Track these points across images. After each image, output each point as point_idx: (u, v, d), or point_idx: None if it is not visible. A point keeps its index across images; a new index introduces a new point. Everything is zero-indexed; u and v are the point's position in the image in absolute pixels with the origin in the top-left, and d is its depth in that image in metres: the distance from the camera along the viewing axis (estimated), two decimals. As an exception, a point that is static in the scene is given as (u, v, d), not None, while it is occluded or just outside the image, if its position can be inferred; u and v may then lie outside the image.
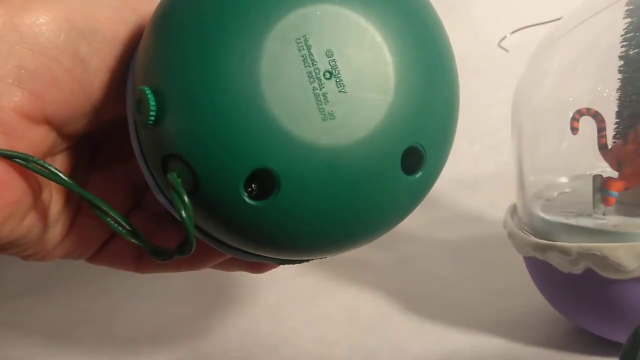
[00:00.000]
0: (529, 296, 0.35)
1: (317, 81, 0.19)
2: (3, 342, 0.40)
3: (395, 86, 0.19)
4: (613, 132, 0.31)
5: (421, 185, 0.21)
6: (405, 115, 0.20)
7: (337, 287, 0.42)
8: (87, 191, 0.24)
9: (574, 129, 0.30)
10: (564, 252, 0.29)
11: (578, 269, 0.29)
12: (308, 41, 0.19)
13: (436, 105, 0.21)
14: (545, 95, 0.35)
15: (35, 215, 0.21)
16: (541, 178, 0.35)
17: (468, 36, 0.67)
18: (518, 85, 0.35)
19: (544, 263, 0.30)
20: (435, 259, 0.46)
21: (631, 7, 0.31)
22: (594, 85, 0.33)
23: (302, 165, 0.19)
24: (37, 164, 0.20)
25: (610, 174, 0.31)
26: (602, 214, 0.30)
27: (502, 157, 0.56)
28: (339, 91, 0.19)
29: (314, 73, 0.19)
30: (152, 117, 0.19)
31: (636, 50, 0.30)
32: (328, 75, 0.19)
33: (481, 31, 0.67)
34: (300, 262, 0.24)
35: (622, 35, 0.31)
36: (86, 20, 0.21)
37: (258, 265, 0.26)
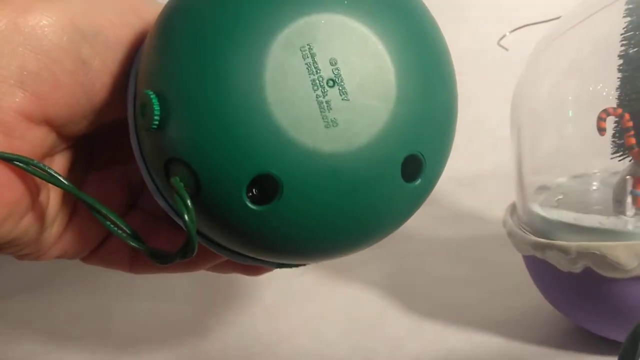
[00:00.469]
0: (528, 295, 0.35)
1: (321, 89, 0.19)
2: (3, 340, 0.40)
3: (396, 94, 0.20)
4: (612, 131, 0.31)
5: (420, 192, 0.21)
6: (406, 123, 0.20)
7: (336, 286, 0.42)
8: (85, 191, 0.24)
9: (602, 130, 0.30)
10: (564, 251, 0.29)
11: (577, 268, 0.29)
12: (312, 49, 0.19)
13: (436, 113, 0.21)
14: (544, 94, 0.35)
15: (33, 215, 0.21)
16: (541, 177, 0.35)
17: (467, 35, 0.67)
18: (517, 84, 0.35)
19: (544, 262, 0.30)
20: (434, 258, 0.46)
21: (631, 6, 0.31)
22: (594, 84, 0.33)
23: (305, 171, 0.19)
24: (37, 167, 0.20)
25: (611, 174, 0.30)
26: (632, 215, 0.30)
27: (501, 156, 0.56)
28: (342, 99, 0.19)
29: (318, 81, 0.19)
30: (156, 122, 0.19)
31: (636, 49, 0.30)
32: (331, 83, 0.19)
33: (480, 30, 0.67)
34: (297, 266, 0.24)
35: (622, 34, 0.31)
36: (89, 22, 0.21)
37: (254, 268, 0.26)
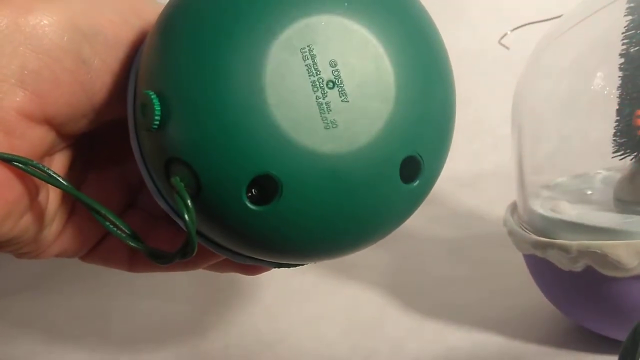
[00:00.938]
0: (529, 294, 0.35)
1: (321, 90, 0.19)
2: (3, 340, 0.40)
3: (395, 96, 0.20)
4: (614, 130, 0.31)
5: (418, 193, 0.21)
6: (404, 124, 0.20)
7: (337, 285, 0.42)
8: (84, 190, 0.24)
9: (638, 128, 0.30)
10: (564, 250, 0.29)
11: (578, 267, 0.29)
12: (312, 51, 0.19)
13: (434, 114, 0.21)
14: (545, 93, 0.35)
15: (32, 214, 0.21)
16: (541, 176, 0.35)
17: (467, 34, 0.67)
18: (518, 83, 0.35)
19: (544, 261, 0.30)
20: (434, 257, 0.46)
21: (632, 5, 0.31)
22: (595, 83, 0.33)
23: (304, 172, 0.19)
24: (35, 167, 0.20)
25: (612, 173, 0.30)
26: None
27: (502, 155, 0.56)
28: (342, 100, 0.19)
29: (318, 82, 0.19)
30: (157, 122, 0.19)
31: (637, 47, 0.30)
32: (331, 84, 0.19)
33: (480, 29, 0.67)
34: (295, 266, 0.24)
35: (623, 32, 0.31)
36: (90, 22, 0.21)
37: (253, 267, 0.26)
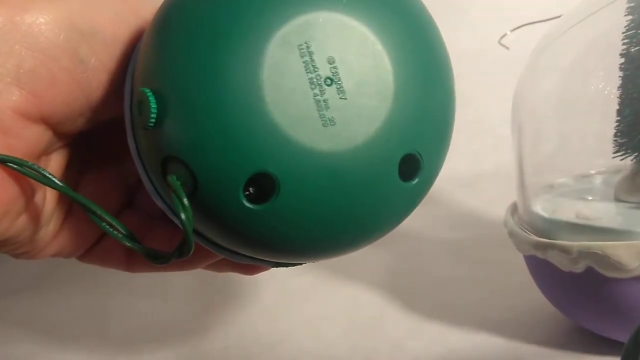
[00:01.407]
0: (529, 295, 0.35)
1: (319, 87, 0.19)
2: (4, 340, 0.40)
3: (394, 93, 0.20)
4: (614, 130, 0.31)
5: (417, 191, 0.21)
6: (403, 122, 0.20)
7: (337, 286, 0.42)
8: (81, 189, 0.24)
9: None
10: (565, 251, 0.29)
11: (579, 268, 0.29)
12: (310, 47, 0.19)
13: (433, 112, 0.21)
14: (545, 93, 0.35)
15: (28, 214, 0.21)
16: (542, 176, 0.35)
17: (468, 34, 0.67)
18: (518, 83, 0.35)
19: (545, 262, 0.30)
20: (434, 258, 0.46)
21: (632, 5, 0.31)
22: (595, 83, 0.33)
23: (302, 170, 0.19)
24: (31, 169, 0.20)
25: (612, 173, 0.30)
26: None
27: (502, 156, 0.56)
28: (340, 98, 0.19)
29: (316, 79, 0.19)
30: (153, 120, 0.19)
31: (637, 47, 0.30)
32: (329, 81, 0.19)
33: (481, 29, 0.67)
34: (294, 265, 0.24)
35: (623, 32, 0.31)
36: (86, 21, 0.21)
37: (251, 267, 0.26)
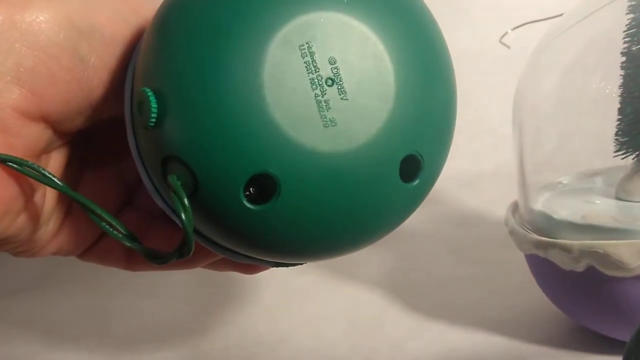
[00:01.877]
0: (531, 294, 0.35)
1: (320, 88, 0.19)
2: (4, 340, 0.40)
3: (395, 94, 0.20)
4: (615, 129, 0.31)
5: (418, 192, 0.21)
6: (404, 123, 0.20)
7: (337, 285, 0.42)
8: (81, 188, 0.24)
9: None
10: (566, 250, 0.29)
11: (580, 267, 0.29)
12: (311, 48, 0.19)
13: (434, 113, 0.21)
14: (546, 92, 0.35)
15: (28, 213, 0.21)
16: (542, 175, 0.35)
17: (468, 34, 0.67)
18: (519, 82, 0.35)
19: (546, 261, 0.30)
20: (435, 257, 0.46)
21: (634, 3, 0.31)
22: (596, 81, 0.33)
23: (303, 170, 0.19)
24: (30, 168, 0.20)
25: (613, 172, 0.30)
26: None
27: (503, 155, 0.56)
28: (341, 98, 0.19)
29: (317, 80, 0.19)
30: (153, 119, 0.19)
31: (638, 46, 0.30)
32: (330, 82, 0.19)
33: (481, 29, 0.67)
34: (294, 265, 0.24)
35: (625, 31, 0.30)
36: (86, 19, 0.21)
37: (250, 266, 0.26)
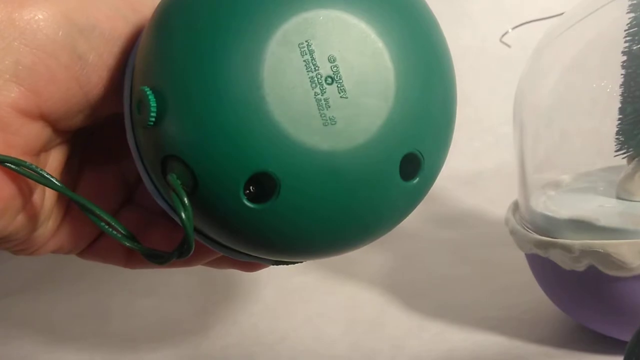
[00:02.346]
0: (531, 294, 0.35)
1: (319, 86, 0.19)
2: (4, 340, 0.40)
3: (395, 92, 0.19)
4: (616, 129, 0.31)
5: (418, 191, 0.21)
6: (404, 121, 0.20)
7: (337, 285, 0.42)
8: (80, 186, 0.24)
9: None
10: (567, 250, 0.29)
11: (581, 266, 0.29)
12: (311, 46, 0.19)
13: (434, 112, 0.21)
14: (547, 91, 0.35)
15: (27, 212, 0.21)
16: (543, 174, 0.35)
17: (469, 32, 0.67)
18: (520, 81, 0.35)
19: (546, 260, 0.30)
20: (435, 257, 0.46)
21: (635, 2, 0.30)
22: (597, 81, 0.33)
23: (303, 169, 0.19)
24: (29, 169, 0.20)
25: (614, 172, 0.30)
26: None
27: (503, 154, 0.55)
28: (341, 97, 0.19)
29: (316, 78, 0.19)
30: (153, 118, 0.19)
31: (639, 45, 0.30)
32: (330, 80, 0.19)
33: (482, 27, 0.67)
34: (294, 263, 0.24)
35: (626, 30, 0.30)
36: (85, 17, 0.21)
37: (250, 264, 0.26)
